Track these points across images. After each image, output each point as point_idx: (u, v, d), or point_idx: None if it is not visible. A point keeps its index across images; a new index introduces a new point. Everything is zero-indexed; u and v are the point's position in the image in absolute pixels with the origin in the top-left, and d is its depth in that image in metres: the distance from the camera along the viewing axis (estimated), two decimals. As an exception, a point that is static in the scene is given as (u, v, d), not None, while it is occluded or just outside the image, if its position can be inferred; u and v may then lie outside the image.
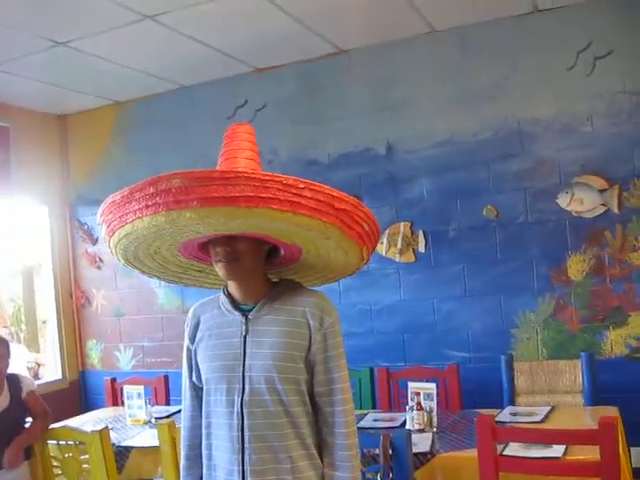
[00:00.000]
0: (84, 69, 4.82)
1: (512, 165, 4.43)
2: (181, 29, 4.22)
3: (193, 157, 5.10)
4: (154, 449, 3.27)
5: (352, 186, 4.76)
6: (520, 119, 4.40)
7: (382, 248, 4.72)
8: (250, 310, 2.00)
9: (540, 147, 4.37)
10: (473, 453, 2.76)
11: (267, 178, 1.71)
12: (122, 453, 3.47)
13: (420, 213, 4.68)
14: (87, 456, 3.20)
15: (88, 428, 3.44)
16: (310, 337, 1.96)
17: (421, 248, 4.66)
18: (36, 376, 6.07)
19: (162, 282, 5.20)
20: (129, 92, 5.48)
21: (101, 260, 5.79)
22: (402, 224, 4.69)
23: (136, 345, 5.67)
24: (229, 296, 2.04)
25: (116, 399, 4.64)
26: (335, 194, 1.81)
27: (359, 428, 3.39)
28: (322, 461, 1.98)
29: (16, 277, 7.27)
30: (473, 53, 4.52)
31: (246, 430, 1.91)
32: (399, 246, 4.68)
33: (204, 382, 2.03)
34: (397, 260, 4.71)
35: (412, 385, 3.51)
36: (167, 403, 4.52)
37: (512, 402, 3.83)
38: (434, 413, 3.36)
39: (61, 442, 3.36)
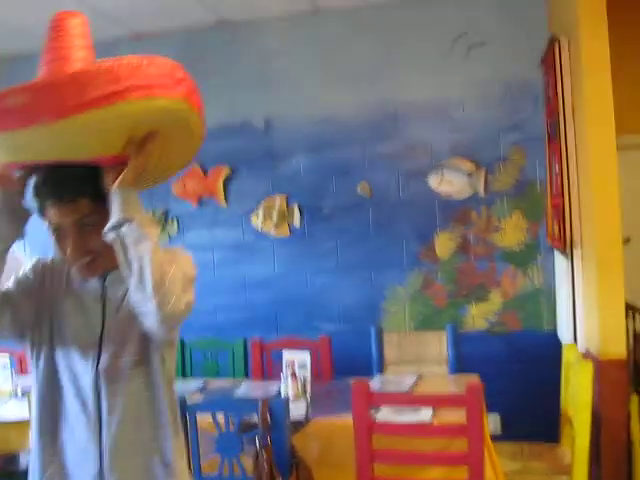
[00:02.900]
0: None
1: (387, 146, 4.58)
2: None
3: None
4: (21, 423, 3.16)
5: (229, 158, 4.80)
6: (397, 102, 4.55)
7: (257, 221, 4.75)
8: (108, 274, 1.76)
9: (414, 130, 4.53)
10: (346, 419, 2.85)
11: (116, 68, 1.50)
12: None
13: (296, 188, 4.74)
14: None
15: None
16: None
17: (296, 223, 4.73)
18: None
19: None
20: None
21: None
22: (278, 197, 4.74)
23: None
24: None
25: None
26: (172, 62, 1.62)
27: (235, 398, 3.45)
28: None
29: None
30: (356, 34, 4.61)
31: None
32: (274, 220, 4.72)
33: None
34: (272, 234, 4.77)
35: (287, 354, 3.56)
36: (29, 372, 4.35)
37: (381, 371, 3.98)
38: (308, 382, 3.44)
39: None
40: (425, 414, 2.91)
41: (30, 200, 1.71)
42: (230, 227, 4.86)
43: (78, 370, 1.72)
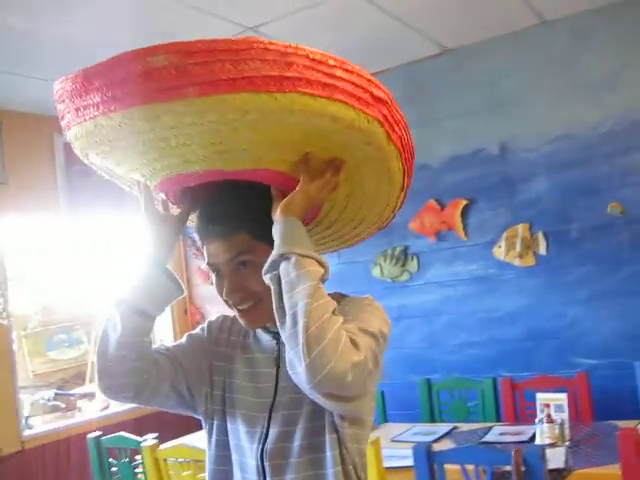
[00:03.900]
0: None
1: (637, 158, 4.14)
2: (284, 37, 4.17)
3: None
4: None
5: (465, 189, 4.62)
6: (643, 107, 4.11)
7: (500, 252, 4.51)
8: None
9: (669, 137, 4.07)
10: (613, 469, 2.56)
11: (290, 51, 1.21)
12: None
13: (538, 214, 4.43)
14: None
15: (203, 445, 3.40)
16: None
17: (542, 250, 4.41)
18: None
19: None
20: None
21: (214, 276, 5.85)
22: (520, 226, 4.46)
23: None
24: None
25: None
26: (370, 77, 1.33)
27: (485, 442, 3.25)
28: None
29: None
30: (587, 41, 4.26)
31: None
32: (518, 249, 4.45)
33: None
34: (516, 264, 4.48)
35: (540, 396, 3.31)
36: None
37: (650, 412, 3.57)
38: (566, 426, 3.15)
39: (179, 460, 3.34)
40: None
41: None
42: (471, 260, 4.66)
43: (244, 448, 1.49)
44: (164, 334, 6.26)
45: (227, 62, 1.16)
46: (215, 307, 5.83)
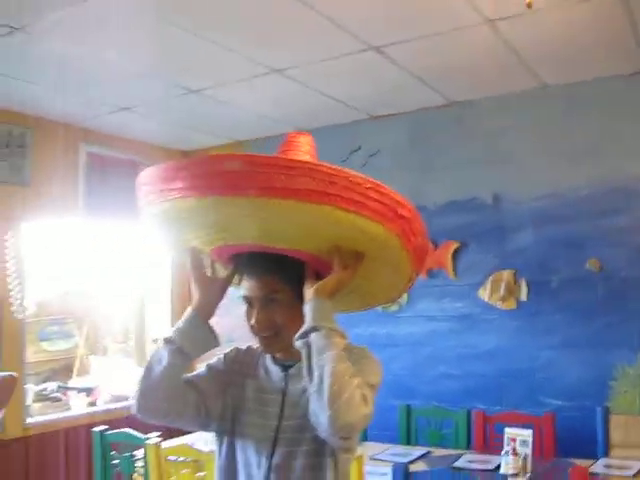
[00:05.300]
0: (210, 113, 5.23)
1: (617, 220, 4.50)
2: (306, 82, 4.55)
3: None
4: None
5: (459, 232, 4.97)
6: (626, 175, 4.47)
7: (485, 294, 4.88)
8: (291, 366, 1.83)
9: (646, 204, 4.44)
10: (566, 501, 2.90)
11: (334, 172, 1.55)
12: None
13: (524, 262, 4.81)
14: (203, 473, 3.46)
15: (200, 446, 3.72)
16: None
17: (523, 296, 4.79)
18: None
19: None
20: (248, 132, 5.85)
21: (215, 287, 6.16)
22: (506, 272, 4.84)
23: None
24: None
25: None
26: (399, 199, 1.65)
27: (455, 468, 3.60)
28: None
29: (127, 297, 7.81)
30: (580, 109, 4.64)
31: None
32: (501, 293, 4.82)
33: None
34: (498, 306, 4.86)
35: (509, 431, 3.65)
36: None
37: (606, 454, 3.90)
38: (529, 459, 3.50)
39: (180, 458, 3.64)
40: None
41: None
42: (458, 299, 5.03)
43: (252, 463, 1.78)
44: (159, 333, 6.56)
45: (282, 175, 1.51)
46: (214, 317, 6.14)
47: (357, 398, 1.54)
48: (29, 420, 5.06)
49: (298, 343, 1.65)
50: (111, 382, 6.51)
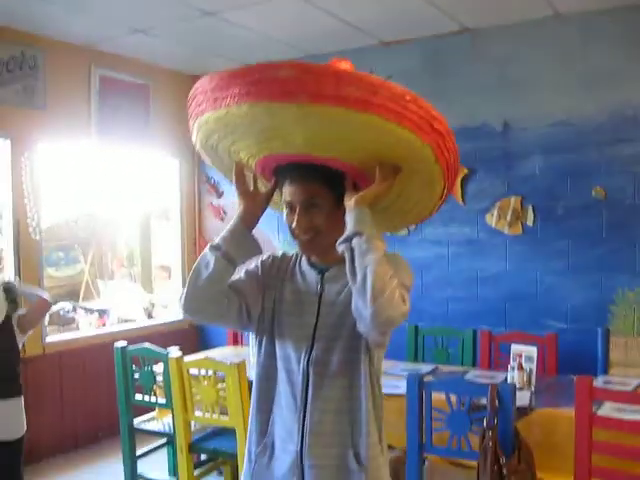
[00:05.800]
0: (223, 36, 5.24)
1: (623, 149, 4.60)
2: (318, 3, 4.56)
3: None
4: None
5: (468, 158, 5.04)
6: (636, 105, 4.54)
7: (492, 219, 5.00)
8: (327, 270, 1.95)
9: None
10: (568, 411, 3.04)
11: (378, 83, 1.61)
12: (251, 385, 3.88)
13: (531, 189, 4.92)
14: (224, 385, 3.59)
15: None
16: None
17: (529, 222, 4.91)
18: (150, 315, 6.65)
19: (281, 236, 5.63)
20: (260, 57, 5.84)
21: (225, 212, 6.29)
22: (513, 198, 4.95)
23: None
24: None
25: (236, 339, 5.10)
26: (435, 114, 1.71)
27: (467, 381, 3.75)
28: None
29: (134, 222, 7.91)
30: (594, 39, 4.67)
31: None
32: (508, 219, 4.94)
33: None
34: (505, 232, 4.99)
35: (515, 347, 3.79)
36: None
37: (606, 372, 4.06)
38: (533, 374, 3.65)
39: (201, 371, 3.72)
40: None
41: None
42: (465, 224, 5.16)
43: (292, 358, 1.91)
44: (167, 260, 6.69)
45: (331, 83, 1.58)
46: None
47: (397, 296, 1.65)
48: (48, 339, 5.24)
49: (341, 247, 1.74)
50: (119, 305, 6.68)
